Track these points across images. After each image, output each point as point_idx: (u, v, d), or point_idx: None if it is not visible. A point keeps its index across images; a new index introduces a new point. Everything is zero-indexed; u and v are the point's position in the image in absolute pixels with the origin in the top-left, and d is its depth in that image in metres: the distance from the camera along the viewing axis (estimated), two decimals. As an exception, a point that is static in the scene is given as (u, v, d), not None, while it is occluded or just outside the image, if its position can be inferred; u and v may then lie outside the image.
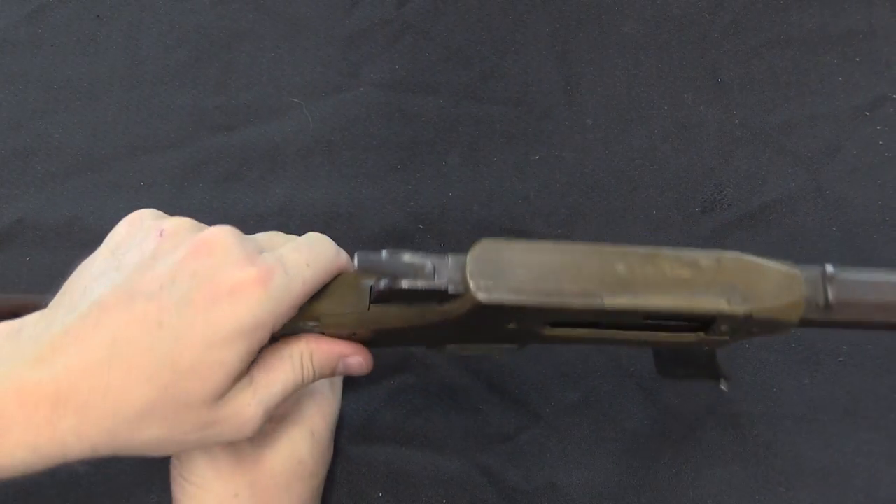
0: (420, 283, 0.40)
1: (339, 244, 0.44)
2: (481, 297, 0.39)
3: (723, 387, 0.51)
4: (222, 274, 0.38)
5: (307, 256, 0.40)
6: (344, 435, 0.53)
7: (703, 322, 0.41)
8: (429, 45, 0.65)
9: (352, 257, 0.40)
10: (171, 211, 0.60)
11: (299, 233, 0.44)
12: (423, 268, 0.40)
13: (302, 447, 0.46)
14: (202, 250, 0.38)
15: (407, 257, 0.40)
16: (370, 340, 0.44)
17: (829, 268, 0.41)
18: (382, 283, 0.40)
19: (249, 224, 0.52)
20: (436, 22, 0.66)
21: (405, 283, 0.39)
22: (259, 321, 0.37)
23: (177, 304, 0.37)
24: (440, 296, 0.40)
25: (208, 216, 0.49)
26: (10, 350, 0.37)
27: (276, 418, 0.46)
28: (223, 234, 0.39)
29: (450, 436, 0.54)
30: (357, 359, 0.43)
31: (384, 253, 0.40)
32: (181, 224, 0.41)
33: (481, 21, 0.66)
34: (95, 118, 0.64)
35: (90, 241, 0.59)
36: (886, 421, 0.53)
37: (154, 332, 0.36)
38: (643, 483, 0.53)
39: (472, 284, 0.39)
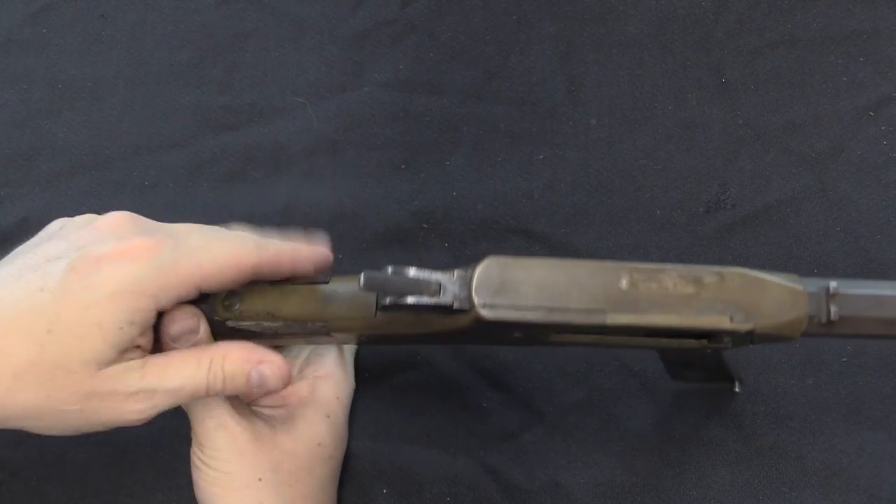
0: (425, 300, 0.40)
1: (342, 243, 0.44)
2: (485, 314, 0.39)
3: (736, 389, 0.51)
4: (107, 244, 0.40)
5: (210, 242, 0.41)
6: (349, 432, 0.54)
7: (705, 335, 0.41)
8: (433, 44, 0.65)
9: (358, 260, 0.40)
10: (176, 210, 0.60)
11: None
12: (429, 284, 0.40)
13: (320, 429, 0.47)
14: (93, 228, 0.41)
15: (412, 273, 0.40)
16: (377, 340, 0.44)
17: (833, 284, 0.41)
18: (388, 300, 0.40)
19: (253, 223, 0.52)
20: (440, 22, 0.66)
21: (410, 300, 0.40)
22: (137, 285, 0.39)
23: (61, 271, 0.39)
24: (446, 311, 0.40)
25: (212, 215, 0.49)
26: None
27: (294, 403, 0.47)
28: (116, 216, 0.42)
29: (454, 434, 0.54)
30: (271, 368, 0.43)
31: (389, 269, 0.40)
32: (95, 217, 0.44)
33: (485, 21, 0.66)
34: (100, 118, 0.64)
35: (95, 240, 0.60)
36: (890, 421, 0.53)
37: (35, 296, 0.38)
38: (647, 483, 0.53)
39: (476, 301, 0.39)
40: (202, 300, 0.44)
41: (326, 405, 0.48)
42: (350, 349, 0.52)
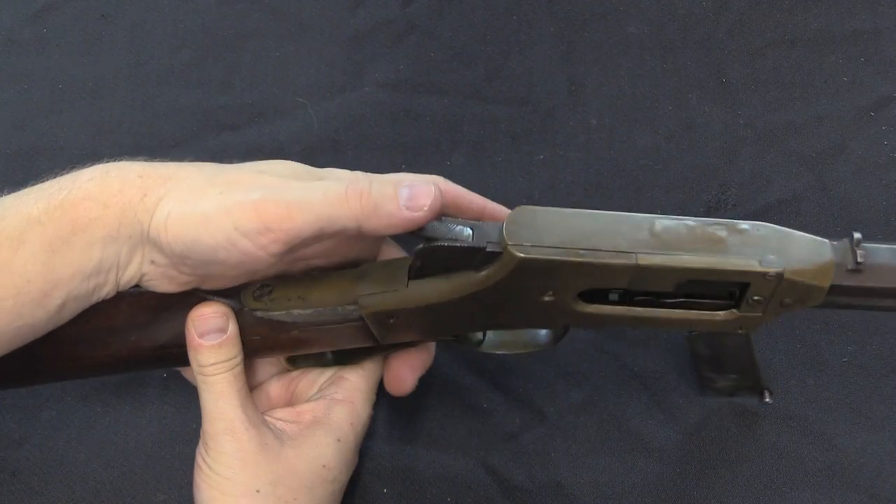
0: (459, 242, 0.41)
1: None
2: (519, 253, 0.40)
3: (767, 399, 0.51)
4: None
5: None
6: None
7: (735, 293, 0.42)
8: (433, 45, 0.65)
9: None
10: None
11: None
12: (462, 230, 0.41)
13: (327, 452, 0.47)
14: None
15: (447, 221, 0.41)
16: (409, 325, 0.44)
17: (857, 234, 0.42)
18: (423, 244, 0.41)
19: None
20: (440, 22, 0.66)
21: (445, 242, 0.41)
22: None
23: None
24: (478, 257, 0.41)
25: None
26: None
27: (306, 421, 0.47)
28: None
29: (455, 434, 0.54)
30: (419, 183, 0.42)
31: None
32: None
33: (486, 21, 0.66)
34: (100, 117, 0.64)
35: (95, 240, 0.60)
36: (890, 421, 0.53)
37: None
38: (647, 483, 0.53)
39: (509, 242, 0.40)
40: (231, 294, 0.44)
41: (338, 429, 0.47)
42: (374, 377, 0.51)
